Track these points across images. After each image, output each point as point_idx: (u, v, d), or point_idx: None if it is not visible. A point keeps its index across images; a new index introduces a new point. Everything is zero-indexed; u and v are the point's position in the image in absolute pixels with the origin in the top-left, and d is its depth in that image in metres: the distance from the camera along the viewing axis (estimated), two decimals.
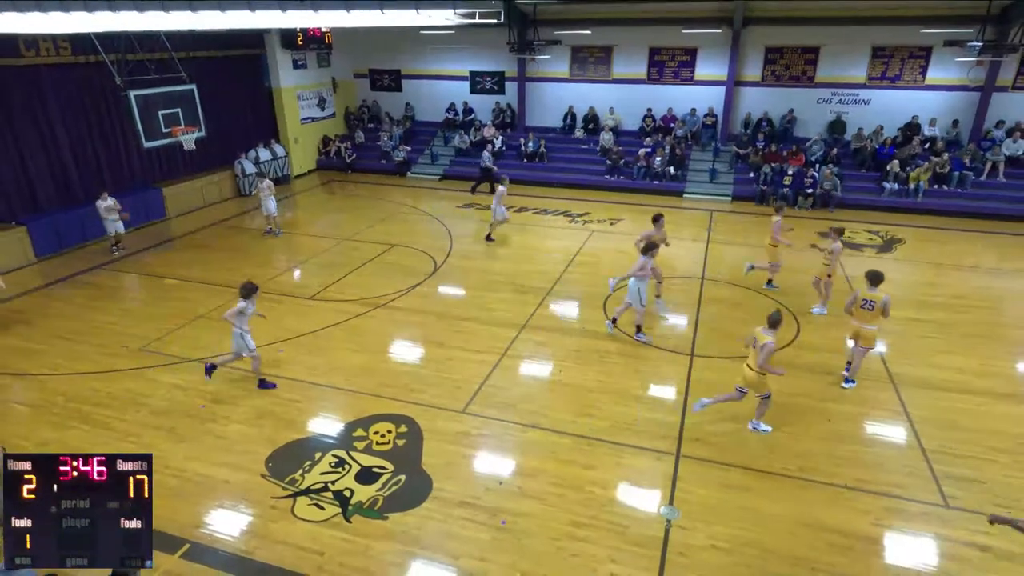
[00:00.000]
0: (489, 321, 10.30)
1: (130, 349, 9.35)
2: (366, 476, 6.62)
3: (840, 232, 10.33)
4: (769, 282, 11.59)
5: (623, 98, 20.85)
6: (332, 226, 15.98)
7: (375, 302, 11.00)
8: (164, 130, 12.98)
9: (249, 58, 19.16)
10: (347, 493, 6.38)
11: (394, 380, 8.53)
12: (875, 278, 7.94)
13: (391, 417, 7.65)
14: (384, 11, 9.53)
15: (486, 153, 19.10)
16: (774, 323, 6.92)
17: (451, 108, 22.67)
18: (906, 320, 10.31)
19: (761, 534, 5.86)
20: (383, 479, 6.58)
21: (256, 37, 18.95)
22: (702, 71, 19.79)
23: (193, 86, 13.54)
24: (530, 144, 20.56)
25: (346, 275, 12.26)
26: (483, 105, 22.51)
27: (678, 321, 10.43)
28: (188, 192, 17.09)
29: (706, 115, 19.99)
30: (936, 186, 16.93)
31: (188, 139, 13.45)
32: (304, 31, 19.17)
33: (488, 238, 14.40)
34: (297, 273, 12.67)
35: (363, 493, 6.37)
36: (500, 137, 21.23)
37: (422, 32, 20.90)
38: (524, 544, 5.73)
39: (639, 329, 9.62)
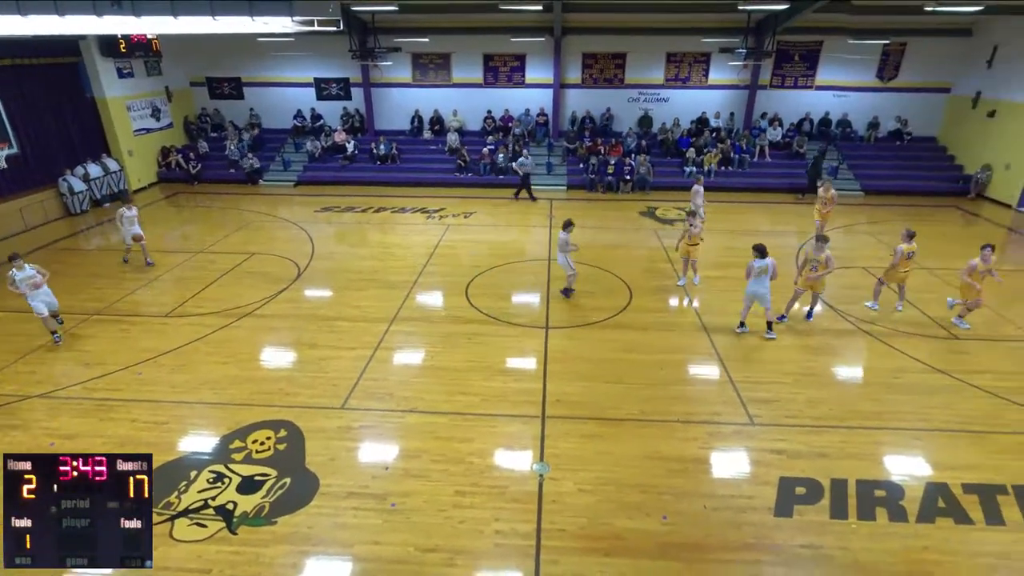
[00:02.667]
0: (359, 318, 9.94)
1: None
2: (248, 486, 6.13)
3: (691, 214, 11.28)
4: (960, 317, 9.75)
5: (464, 101, 20.99)
6: (183, 240, 14.37)
7: (240, 312, 10.12)
8: None
9: (63, 67, 16.38)
10: (230, 506, 5.86)
11: (269, 386, 7.95)
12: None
13: (269, 423, 7.13)
14: (216, 18, 8.69)
15: (522, 159, 17.96)
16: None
17: (298, 115, 21.30)
18: (711, 279, 11.62)
19: (616, 472, 6.34)
20: (267, 485, 6.13)
21: (70, 43, 16.25)
22: (531, 75, 20.50)
23: None
24: (381, 147, 19.99)
25: (204, 288, 11.13)
26: (331, 111, 21.44)
27: (532, 299, 10.83)
28: (4, 215, 14.35)
29: (538, 115, 20.78)
30: (723, 168, 19.20)
31: None
32: (127, 37, 16.83)
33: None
34: (149, 291, 11.24)
35: (247, 503, 5.89)
36: (352, 142, 20.40)
37: (260, 39, 19.33)
38: (414, 521, 5.68)
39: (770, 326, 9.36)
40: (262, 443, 6.78)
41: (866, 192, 18.50)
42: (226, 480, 6.21)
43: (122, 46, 16.91)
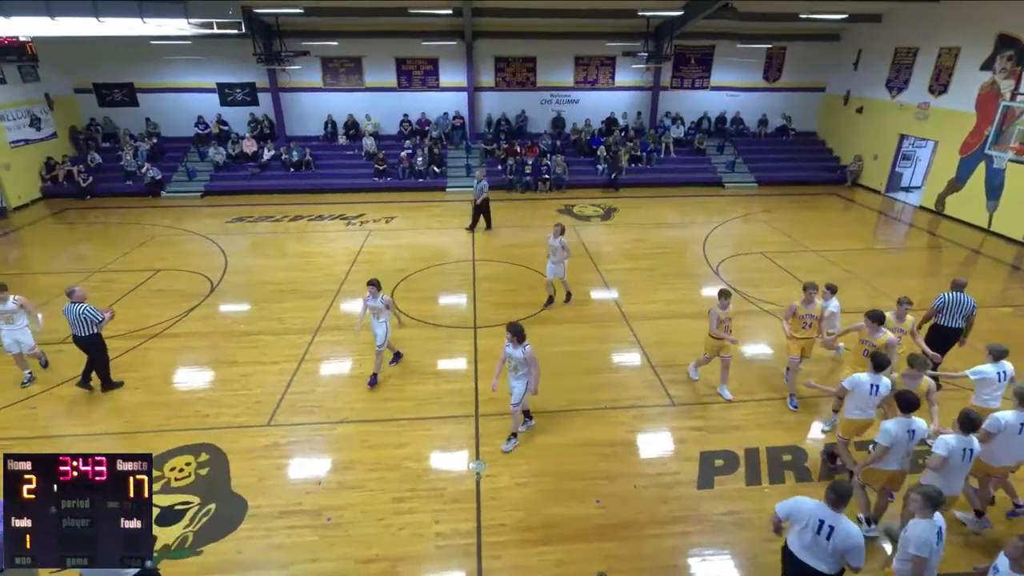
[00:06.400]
0: (281, 331, 9.48)
1: None
2: (168, 517, 5.68)
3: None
4: None
5: (378, 105, 20.54)
6: (76, 259, 13.06)
7: (147, 333, 9.36)
8: None
9: None
10: None
11: (184, 410, 7.41)
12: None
13: (187, 448, 6.65)
14: (102, 19, 7.96)
15: (476, 183, 14.78)
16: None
17: (201, 122, 19.96)
18: (627, 270, 12.07)
19: (550, 463, 6.44)
20: (189, 514, 5.72)
21: None
22: (445, 79, 20.38)
23: None
24: (293, 154, 19.15)
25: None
26: (238, 117, 20.27)
27: (458, 300, 10.78)
28: None
29: (455, 117, 20.70)
30: (633, 165, 19.98)
31: None
32: None
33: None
34: (39, 318, 10.05)
35: (168, 535, 5.46)
36: (266, 149, 19.38)
37: (153, 43, 17.95)
38: (353, 533, 5.50)
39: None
40: (181, 470, 6.32)
41: (759, 183, 19.89)
42: None
43: None
